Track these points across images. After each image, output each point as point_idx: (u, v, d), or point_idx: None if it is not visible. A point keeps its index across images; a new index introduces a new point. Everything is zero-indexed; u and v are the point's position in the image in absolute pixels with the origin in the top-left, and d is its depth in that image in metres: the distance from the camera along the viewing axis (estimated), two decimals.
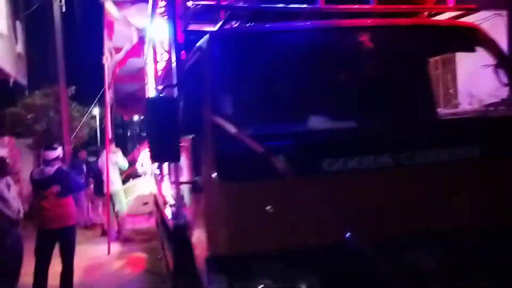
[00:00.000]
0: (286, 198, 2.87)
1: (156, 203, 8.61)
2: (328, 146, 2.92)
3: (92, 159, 13.09)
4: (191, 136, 3.23)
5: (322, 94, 3.23)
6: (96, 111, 18.70)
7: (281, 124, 3.07)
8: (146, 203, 11.08)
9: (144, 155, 12.53)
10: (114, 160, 10.32)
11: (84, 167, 12.05)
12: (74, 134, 13.88)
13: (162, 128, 3.09)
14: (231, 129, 2.91)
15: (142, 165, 12.43)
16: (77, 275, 6.71)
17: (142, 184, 11.25)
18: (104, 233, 10.53)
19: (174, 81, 4.43)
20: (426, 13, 4.09)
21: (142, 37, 9.46)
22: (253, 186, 2.84)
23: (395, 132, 3.00)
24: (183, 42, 4.48)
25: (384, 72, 3.37)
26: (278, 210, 2.86)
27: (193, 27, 4.45)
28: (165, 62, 5.76)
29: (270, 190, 2.86)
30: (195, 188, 3.18)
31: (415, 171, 2.95)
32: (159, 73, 6.15)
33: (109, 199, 10.14)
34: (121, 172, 10.89)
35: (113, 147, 10.55)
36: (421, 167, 2.95)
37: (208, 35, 3.34)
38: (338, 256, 2.82)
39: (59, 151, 6.40)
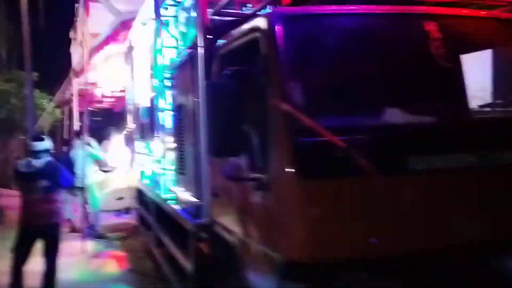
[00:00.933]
0: (369, 199, 2.58)
1: (140, 197, 8.14)
2: (416, 142, 2.64)
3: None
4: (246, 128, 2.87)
5: (398, 84, 2.94)
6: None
7: (355, 115, 2.76)
8: (120, 198, 10.56)
9: (116, 146, 11.95)
10: (87, 152, 9.70)
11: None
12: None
13: (227, 118, 2.74)
14: (309, 121, 2.59)
15: (113, 158, 11.85)
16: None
17: (116, 178, 10.70)
18: (74, 229, 9.90)
19: (200, 67, 4.06)
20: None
21: (125, 22, 8.95)
22: (334, 185, 2.54)
23: (482, 128, 2.77)
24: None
25: (460, 64, 3.12)
26: (361, 211, 2.56)
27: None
28: (177, 49, 5.34)
29: (352, 189, 2.56)
30: (259, 186, 2.82)
31: (505, 172, 2.72)
32: (162, 60, 5.70)
33: (83, 194, 9.53)
34: (100, 164, 10.26)
35: (86, 138, 9.92)
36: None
37: (269, 16, 2.98)
38: (428, 265, 2.55)
39: (48, 142, 5.85)
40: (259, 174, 2.83)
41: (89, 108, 10.99)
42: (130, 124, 9.00)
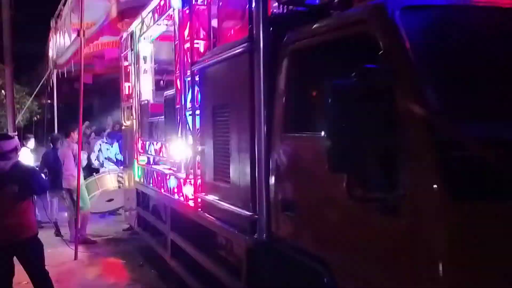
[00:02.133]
0: None
1: (142, 201, 7.57)
2: None
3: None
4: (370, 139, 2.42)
5: None
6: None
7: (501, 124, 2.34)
8: (110, 200, 9.95)
9: (101, 146, 11.30)
10: (75, 152, 9.01)
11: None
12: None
13: (353, 126, 2.29)
14: (455, 130, 2.18)
15: (97, 158, 11.20)
16: None
17: (106, 179, 10.07)
18: (58, 233, 9.22)
19: (260, 64, 3.60)
20: None
21: (123, 11, 8.34)
22: (492, 209, 2.12)
23: None
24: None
25: None
26: None
27: None
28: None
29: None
30: (383, 208, 2.38)
31: None
32: (188, 55, 5.19)
33: (71, 196, 8.87)
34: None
35: (75, 136, 9.23)
36: None
37: (387, 6, 2.55)
38: None
39: (16, 142, 5.10)
40: (382, 194, 2.39)
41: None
42: (127, 120, 8.40)
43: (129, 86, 8.19)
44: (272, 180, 3.56)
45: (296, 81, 3.35)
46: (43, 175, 6.83)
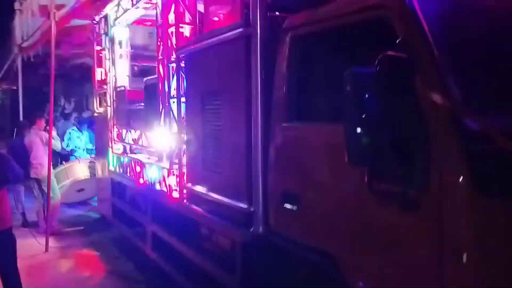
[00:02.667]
0: None
1: (118, 191, 7.31)
2: None
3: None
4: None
5: None
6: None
7: None
8: (81, 190, 9.61)
9: (71, 134, 10.92)
10: (45, 140, 8.63)
11: None
12: None
13: (373, 116, 2.17)
14: (482, 122, 2.10)
15: (68, 146, 10.82)
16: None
17: (76, 168, 9.72)
18: (25, 223, 8.87)
19: (258, 50, 3.45)
20: None
21: None
22: None
23: None
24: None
25: None
26: None
27: None
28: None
29: None
30: (403, 201, 2.27)
31: None
32: (172, 40, 4.97)
33: (39, 186, 8.53)
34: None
35: (41, 123, 8.85)
36: None
37: None
38: None
39: None
40: (403, 187, 2.28)
41: None
42: (100, 107, 8.10)
43: (101, 72, 7.88)
44: (270, 171, 3.42)
45: (299, 68, 3.21)
46: None
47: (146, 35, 7.65)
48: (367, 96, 2.19)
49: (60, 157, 10.68)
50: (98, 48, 7.95)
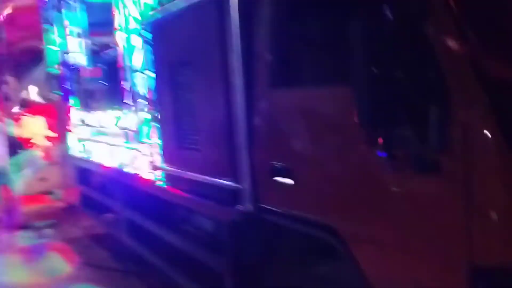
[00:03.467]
0: None
1: (84, 177, 6.90)
2: None
3: None
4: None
5: None
6: None
7: None
8: (43, 179, 9.08)
9: (29, 120, 10.29)
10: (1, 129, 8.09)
11: None
12: None
13: (387, 74, 1.89)
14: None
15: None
16: None
17: (34, 156, 9.17)
18: None
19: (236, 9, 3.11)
20: None
21: None
22: None
23: None
24: None
25: None
26: None
27: None
28: None
29: None
30: (421, 164, 2.02)
31: None
32: (133, 9, 4.55)
33: None
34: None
35: None
36: None
37: None
38: None
39: None
40: (416, 149, 2.03)
41: None
42: (58, 88, 7.57)
43: (53, 52, 7.34)
44: (256, 144, 3.13)
45: (286, 25, 2.89)
46: None
47: (104, 11, 7.10)
48: (377, 47, 1.90)
49: (16, 145, 10.07)
50: (49, 26, 7.41)
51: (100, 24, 6.91)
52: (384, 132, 2.04)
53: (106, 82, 5.42)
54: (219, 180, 3.43)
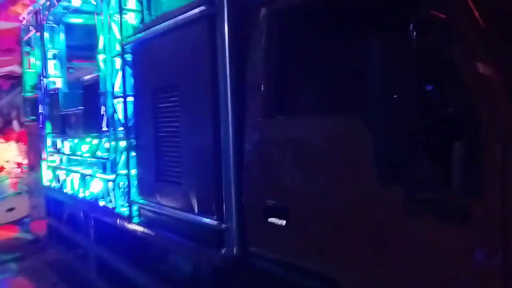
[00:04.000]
0: None
1: (54, 208, 6.44)
2: None
3: None
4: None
5: None
6: None
7: None
8: (11, 209, 8.59)
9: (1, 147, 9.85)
10: None
11: None
12: None
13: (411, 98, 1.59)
14: None
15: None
16: None
17: (3, 185, 8.70)
18: None
19: (225, 31, 2.84)
20: None
21: None
22: None
23: None
24: None
25: None
26: None
27: None
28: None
29: None
30: (442, 211, 1.70)
31: None
32: (115, 30, 4.26)
33: None
34: None
35: None
36: None
37: None
38: None
39: None
40: (438, 193, 1.72)
41: None
42: (32, 115, 7.19)
43: (31, 75, 7.00)
44: (246, 178, 2.79)
45: (279, 50, 2.61)
46: None
47: (84, 34, 6.82)
48: (400, 70, 1.60)
49: None
50: (28, 49, 7.09)
51: (81, 47, 6.63)
52: (403, 170, 1.72)
53: (84, 108, 5.06)
54: (202, 218, 3.07)
